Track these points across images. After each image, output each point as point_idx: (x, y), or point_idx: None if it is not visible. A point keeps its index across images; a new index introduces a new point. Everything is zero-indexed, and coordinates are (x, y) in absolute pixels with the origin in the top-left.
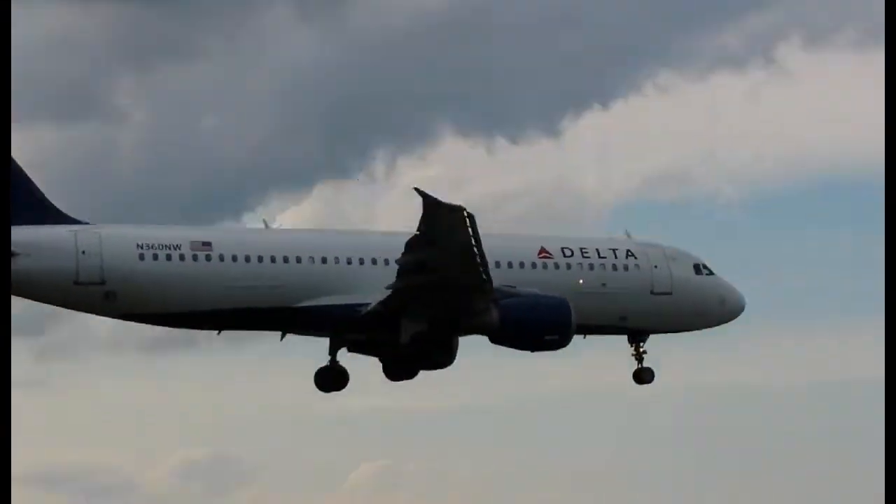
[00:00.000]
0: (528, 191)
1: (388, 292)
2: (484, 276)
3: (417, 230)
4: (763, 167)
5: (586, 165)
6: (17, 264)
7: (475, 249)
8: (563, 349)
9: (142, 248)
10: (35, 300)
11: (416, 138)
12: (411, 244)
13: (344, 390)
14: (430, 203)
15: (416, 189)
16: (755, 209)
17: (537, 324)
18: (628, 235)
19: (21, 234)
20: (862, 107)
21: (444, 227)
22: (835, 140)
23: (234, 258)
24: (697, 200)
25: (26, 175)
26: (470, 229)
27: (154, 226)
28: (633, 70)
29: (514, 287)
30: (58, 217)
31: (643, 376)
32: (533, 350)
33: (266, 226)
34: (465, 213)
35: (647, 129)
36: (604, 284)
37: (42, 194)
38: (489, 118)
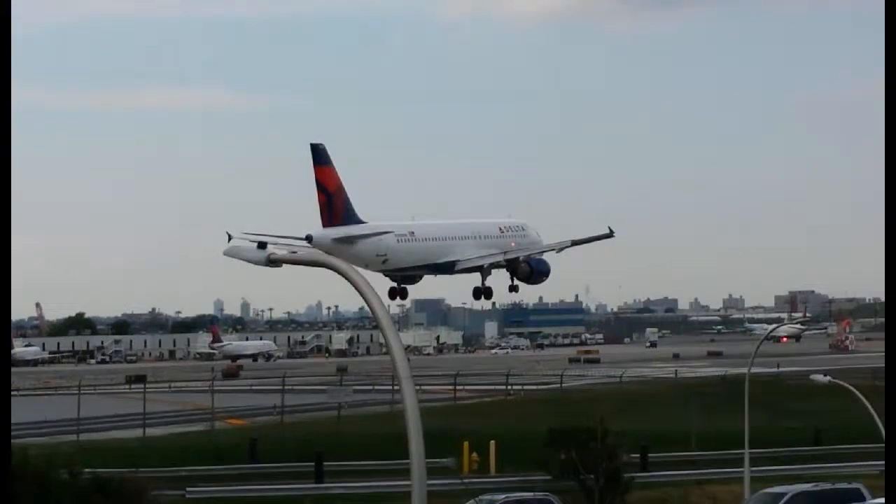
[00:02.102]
0: None
1: (479, 253)
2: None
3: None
4: None
5: None
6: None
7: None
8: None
9: (397, 238)
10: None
11: None
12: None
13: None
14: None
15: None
16: None
17: (542, 273)
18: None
19: (354, 230)
20: None
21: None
22: None
23: (425, 240)
24: None
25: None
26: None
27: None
28: None
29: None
30: (357, 219)
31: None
32: (537, 284)
33: None
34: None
35: None
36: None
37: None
38: None
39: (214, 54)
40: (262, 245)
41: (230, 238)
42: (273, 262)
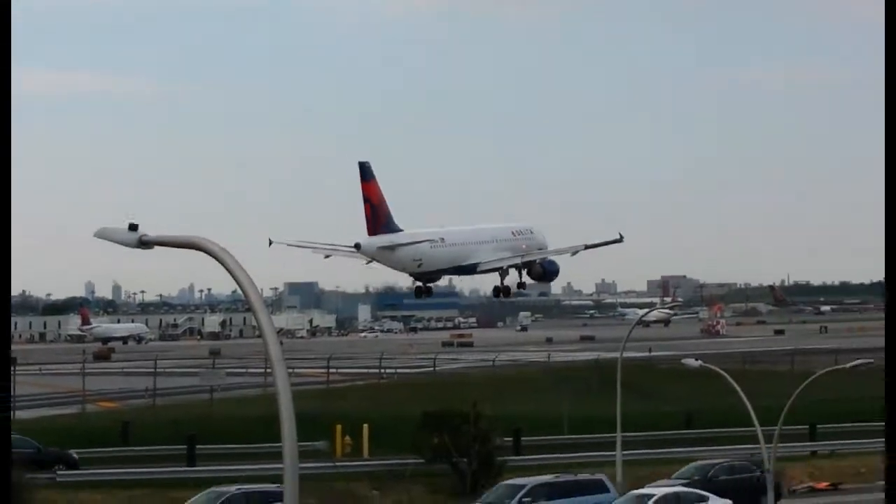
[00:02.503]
0: None
1: (499, 256)
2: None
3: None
4: None
5: None
6: (397, 253)
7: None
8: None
9: (430, 244)
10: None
11: None
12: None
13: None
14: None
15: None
16: None
17: (554, 272)
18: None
19: (396, 238)
20: None
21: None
22: None
23: (452, 245)
24: None
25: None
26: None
27: (420, 228)
28: None
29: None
30: (396, 227)
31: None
32: (548, 282)
33: None
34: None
35: None
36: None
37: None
38: None
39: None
40: (133, 226)
41: (270, 243)
42: (145, 243)
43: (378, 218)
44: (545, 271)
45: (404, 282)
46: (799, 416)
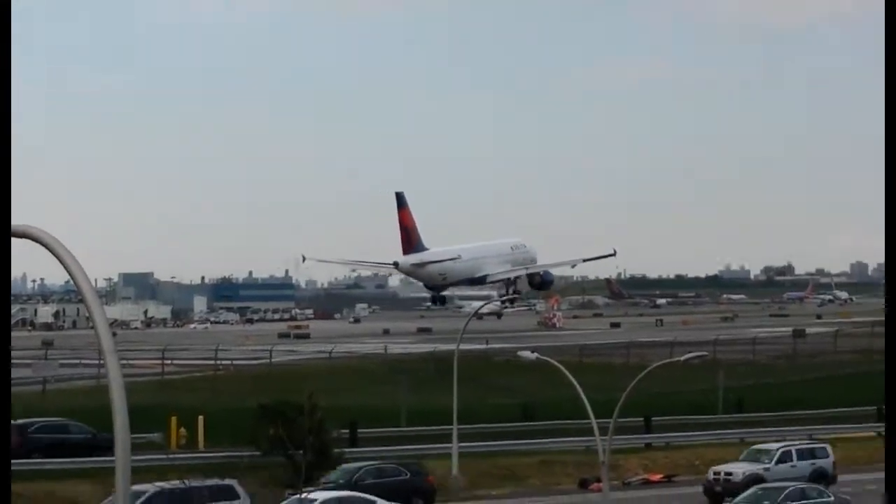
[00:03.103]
0: None
1: (506, 268)
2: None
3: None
4: None
5: None
6: (426, 269)
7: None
8: None
9: (452, 261)
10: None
11: None
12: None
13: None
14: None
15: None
16: None
17: (550, 282)
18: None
19: (426, 257)
20: None
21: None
22: None
23: (467, 260)
24: None
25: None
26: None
27: (439, 247)
28: None
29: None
30: (423, 246)
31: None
32: (545, 290)
33: None
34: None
35: None
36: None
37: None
38: None
39: None
40: None
41: (304, 259)
42: None
43: (411, 240)
44: (543, 281)
45: (240, 272)
46: (634, 408)
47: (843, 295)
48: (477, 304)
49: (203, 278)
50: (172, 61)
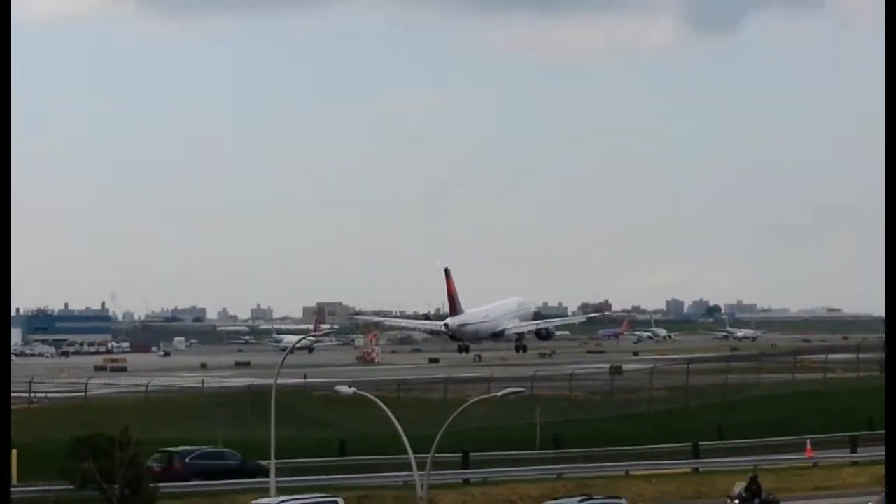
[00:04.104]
0: None
1: (518, 324)
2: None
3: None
4: None
5: None
6: (467, 328)
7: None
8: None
9: (485, 321)
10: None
11: None
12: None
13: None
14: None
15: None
16: None
17: (552, 334)
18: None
19: (467, 319)
20: None
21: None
22: None
23: (492, 319)
24: None
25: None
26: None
27: (471, 309)
28: None
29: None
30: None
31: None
32: (548, 341)
33: None
34: None
35: None
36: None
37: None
38: None
39: None
40: None
41: (357, 314)
42: None
43: (455, 305)
44: (548, 334)
45: (55, 304)
46: (452, 443)
47: (662, 332)
48: (293, 338)
49: (18, 310)
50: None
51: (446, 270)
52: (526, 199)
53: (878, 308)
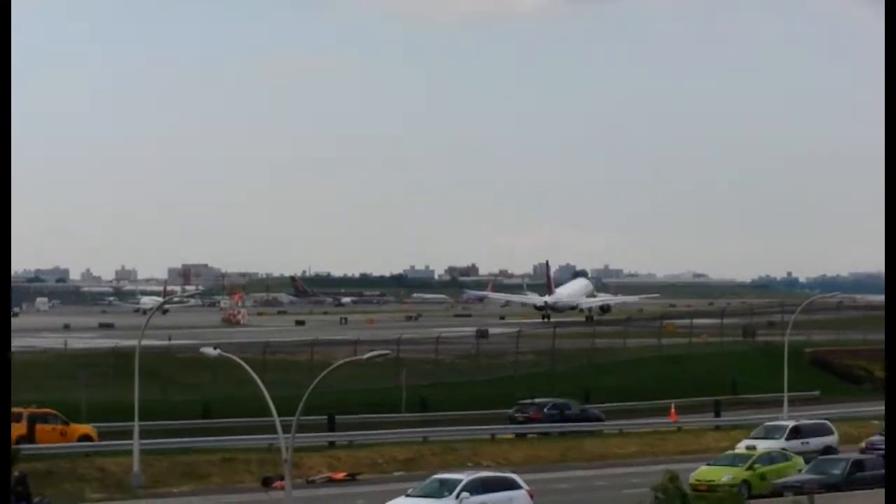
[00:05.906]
0: None
1: (589, 300)
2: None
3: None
4: None
5: None
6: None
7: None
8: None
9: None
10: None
11: None
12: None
13: None
14: None
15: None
16: None
17: (611, 309)
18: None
19: (557, 297)
20: None
21: None
22: None
23: (572, 296)
24: None
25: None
26: None
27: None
28: None
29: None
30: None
31: None
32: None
33: None
34: None
35: None
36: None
37: None
38: None
39: None
40: None
41: (481, 295)
42: None
43: (549, 284)
44: (609, 308)
45: None
46: (318, 406)
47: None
48: (154, 299)
49: None
50: None
51: (546, 263)
52: (390, 167)
53: (741, 274)
